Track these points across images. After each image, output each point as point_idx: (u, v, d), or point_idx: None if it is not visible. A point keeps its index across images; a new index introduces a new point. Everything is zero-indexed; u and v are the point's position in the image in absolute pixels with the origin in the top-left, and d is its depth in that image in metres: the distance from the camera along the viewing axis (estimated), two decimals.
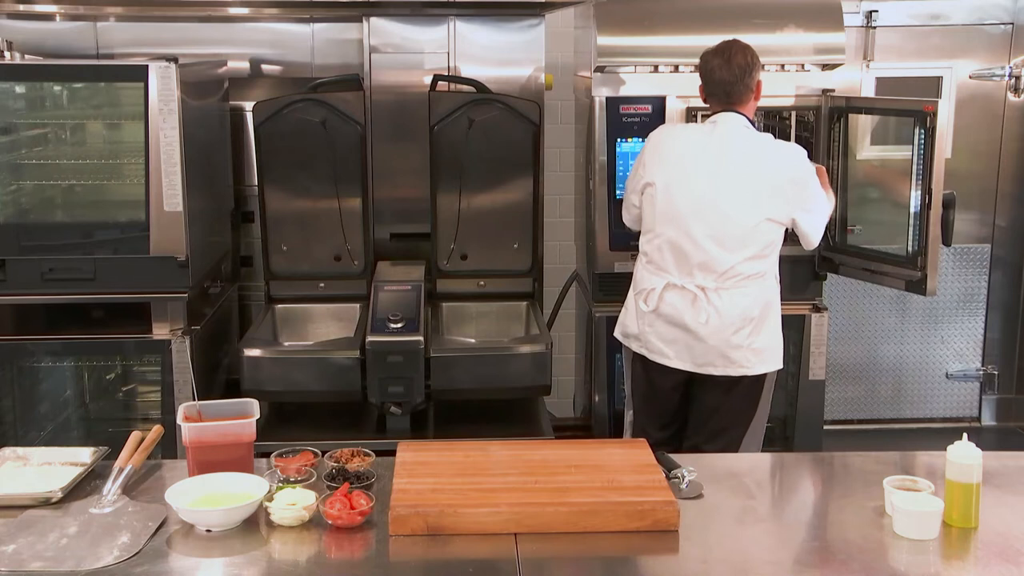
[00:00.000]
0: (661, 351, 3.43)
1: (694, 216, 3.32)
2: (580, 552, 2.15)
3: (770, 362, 3.42)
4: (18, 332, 3.90)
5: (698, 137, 3.45)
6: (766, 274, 3.38)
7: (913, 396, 5.03)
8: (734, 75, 3.35)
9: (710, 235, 3.30)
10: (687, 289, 3.35)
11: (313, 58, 4.87)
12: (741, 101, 3.40)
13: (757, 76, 3.42)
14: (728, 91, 3.38)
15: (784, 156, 3.39)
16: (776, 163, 3.36)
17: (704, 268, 3.33)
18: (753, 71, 3.39)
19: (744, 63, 3.36)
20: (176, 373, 3.85)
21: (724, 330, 3.33)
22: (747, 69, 3.36)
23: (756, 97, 3.44)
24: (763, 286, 3.37)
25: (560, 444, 2.90)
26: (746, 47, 3.40)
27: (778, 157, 3.38)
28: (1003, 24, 4.81)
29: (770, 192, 3.31)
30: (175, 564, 2.09)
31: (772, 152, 3.38)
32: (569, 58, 4.84)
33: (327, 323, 4.23)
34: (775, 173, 3.34)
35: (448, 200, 4.28)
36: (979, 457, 2.22)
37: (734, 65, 3.35)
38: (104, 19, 4.73)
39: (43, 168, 3.95)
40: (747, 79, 3.37)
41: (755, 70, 3.40)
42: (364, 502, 2.23)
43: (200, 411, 2.49)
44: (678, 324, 3.37)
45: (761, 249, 3.32)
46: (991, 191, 4.93)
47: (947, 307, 4.97)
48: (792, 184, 3.34)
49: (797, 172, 3.36)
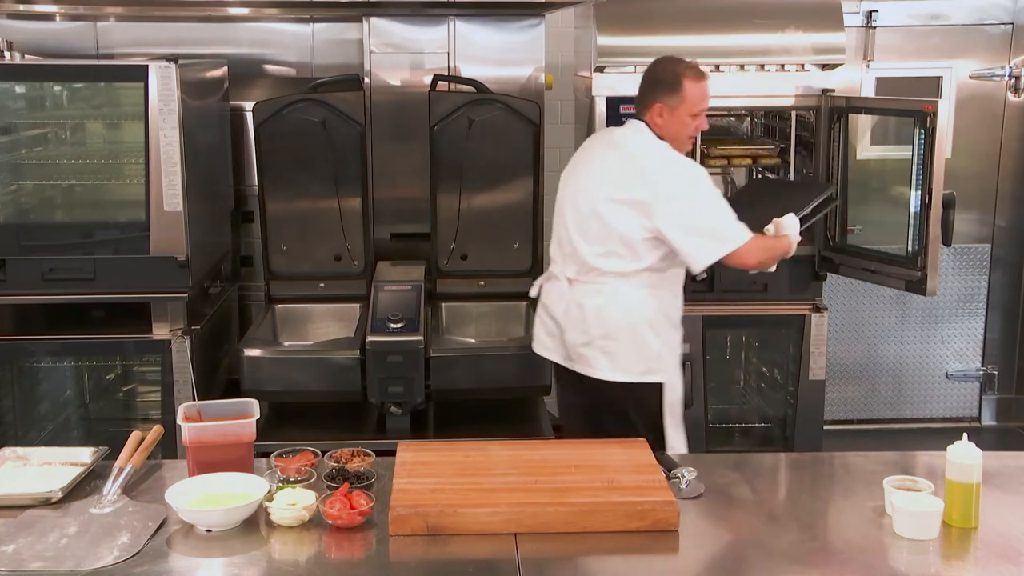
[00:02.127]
0: (541, 341, 3.43)
1: (569, 206, 3.32)
2: (580, 552, 2.15)
3: (628, 371, 3.23)
4: (18, 332, 3.90)
5: (599, 136, 3.49)
6: (633, 278, 3.21)
7: (913, 396, 5.03)
8: (640, 87, 3.27)
9: (576, 225, 3.27)
10: (558, 279, 3.34)
11: (313, 58, 4.87)
12: (640, 112, 3.26)
13: (660, 99, 3.19)
14: (637, 99, 3.30)
15: (660, 166, 3.17)
16: (650, 172, 3.16)
17: (571, 258, 3.29)
18: (650, 90, 3.22)
19: (648, 78, 3.25)
20: (176, 373, 3.85)
21: (579, 324, 3.26)
22: (646, 85, 3.25)
23: (658, 120, 3.21)
24: (628, 289, 3.21)
25: (560, 444, 2.90)
26: (660, 65, 3.25)
27: (654, 166, 3.18)
28: (1003, 24, 4.82)
29: (632, 196, 3.15)
30: (175, 564, 2.09)
31: (651, 160, 3.19)
32: (569, 58, 4.85)
33: (327, 323, 4.23)
34: (645, 180, 3.14)
35: (448, 200, 4.28)
36: (979, 457, 2.22)
37: (644, 77, 3.28)
38: (104, 19, 4.73)
39: (43, 168, 3.95)
40: (645, 96, 3.24)
41: (655, 90, 3.21)
42: (364, 502, 2.23)
43: (200, 411, 2.49)
44: (551, 315, 3.37)
45: (619, 247, 3.18)
46: (991, 191, 4.93)
47: (947, 307, 4.97)
48: (660, 197, 3.11)
49: (669, 186, 3.13)
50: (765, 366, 4.53)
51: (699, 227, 3.13)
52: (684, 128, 3.22)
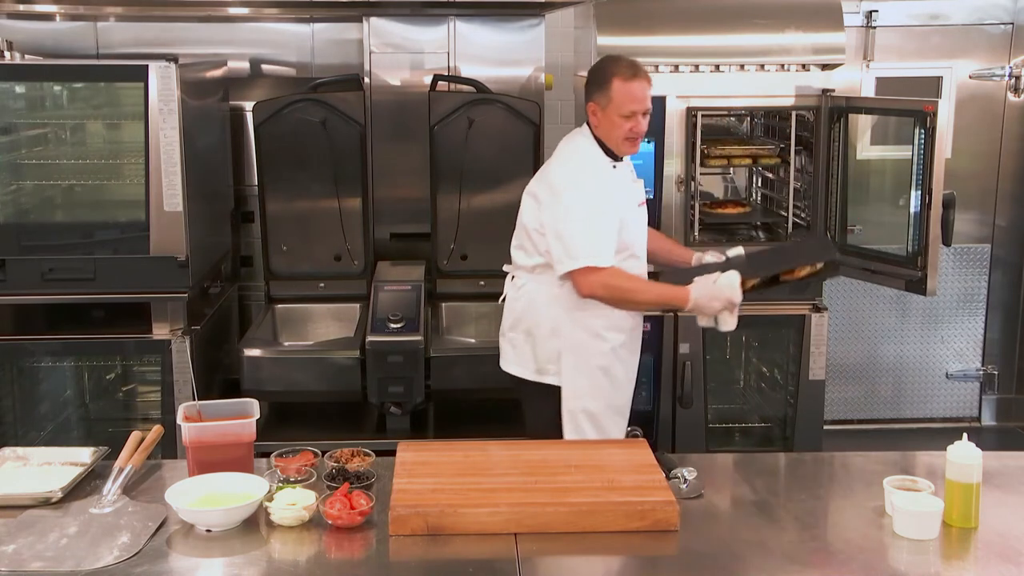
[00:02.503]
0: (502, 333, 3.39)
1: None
2: (580, 552, 2.15)
3: (522, 367, 3.22)
4: (18, 332, 3.90)
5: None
6: (541, 275, 3.17)
7: (913, 396, 5.03)
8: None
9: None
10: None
11: (313, 58, 4.87)
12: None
13: (592, 98, 3.10)
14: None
15: (561, 166, 3.15)
16: (552, 168, 3.17)
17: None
18: (586, 89, 3.12)
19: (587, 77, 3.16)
20: (176, 373, 3.85)
21: (502, 315, 3.31)
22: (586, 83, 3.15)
23: (592, 120, 3.13)
24: (535, 286, 3.17)
25: (560, 444, 2.90)
26: (597, 63, 3.16)
27: (557, 164, 3.17)
28: (1003, 24, 4.81)
29: (534, 188, 3.19)
30: (175, 564, 2.09)
31: (559, 157, 3.19)
32: (569, 58, 4.84)
33: (327, 323, 4.23)
34: (545, 175, 3.17)
35: (448, 200, 4.28)
36: (979, 457, 2.23)
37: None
38: (104, 19, 4.73)
39: (43, 168, 3.95)
40: (584, 94, 3.14)
41: (589, 89, 3.11)
42: (364, 502, 2.23)
43: (200, 411, 2.49)
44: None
45: (524, 239, 3.19)
46: (991, 191, 4.93)
47: (947, 307, 4.96)
48: (549, 194, 3.10)
49: (559, 186, 3.08)
50: (765, 366, 4.53)
51: (562, 235, 3.04)
52: (616, 129, 3.08)
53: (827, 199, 4.05)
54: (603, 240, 3.03)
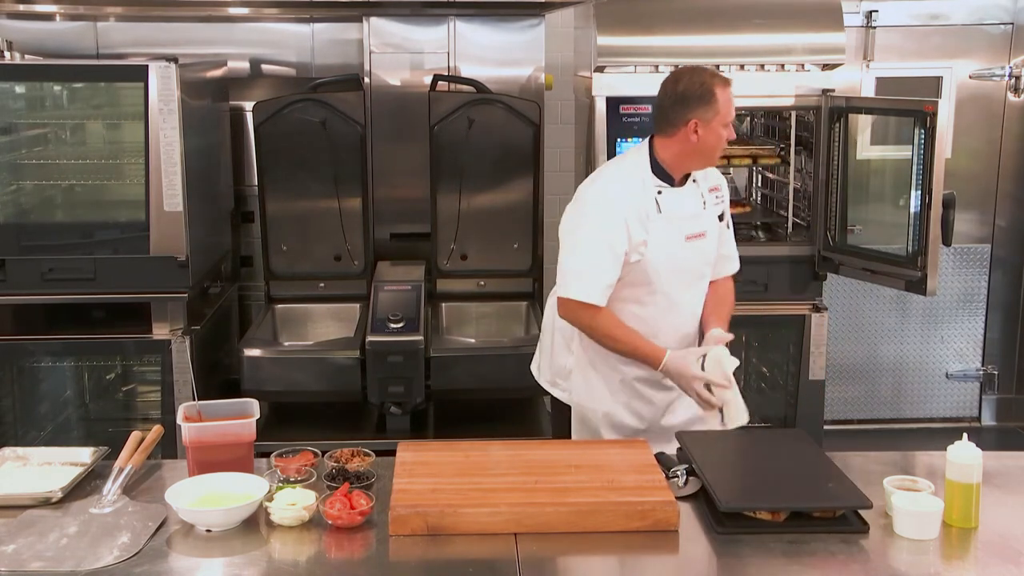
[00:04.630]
0: None
1: None
2: (580, 552, 2.15)
3: (541, 373, 3.16)
4: (18, 332, 3.90)
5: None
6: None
7: (913, 396, 5.03)
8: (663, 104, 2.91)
9: None
10: None
11: (313, 58, 4.87)
12: (666, 131, 2.88)
13: (694, 114, 2.81)
14: (659, 117, 2.94)
15: (589, 185, 2.96)
16: (582, 187, 2.98)
17: None
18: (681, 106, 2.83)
19: (673, 94, 2.86)
20: (176, 373, 3.85)
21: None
22: (672, 102, 2.86)
23: (693, 138, 2.83)
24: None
25: (560, 444, 2.90)
26: (685, 78, 2.86)
27: (587, 183, 2.99)
28: (1003, 24, 4.81)
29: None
30: (175, 564, 2.09)
31: (593, 176, 3.02)
32: (569, 58, 4.84)
33: (327, 323, 4.23)
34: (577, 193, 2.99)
35: (448, 200, 4.28)
36: (979, 457, 2.23)
37: (668, 93, 2.89)
38: (104, 19, 4.73)
39: (43, 168, 3.95)
40: (672, 113, 2.85)
41: (687, 106, 2.82)
42: (364, 502, 2.23)
43: (200, 411, 2.49)
44: None
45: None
46: (991, 191, 4.93)
47: (947, 307, 4.97)
48: (569, 209, 2.95)
49: (578, 205, 2.92)
50: (765, 366, 4.53)
51: (564, 256, 2.91)
52: (720, 141, 2.85)
53: (827, 199, 4.05)
54: (596, 275, 2.85)
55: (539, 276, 4.35)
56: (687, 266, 2.95)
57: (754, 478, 2.49)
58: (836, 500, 2.27)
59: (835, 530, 2.20)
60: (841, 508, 2.25)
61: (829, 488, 2.32)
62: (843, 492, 2.29)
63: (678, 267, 2.93)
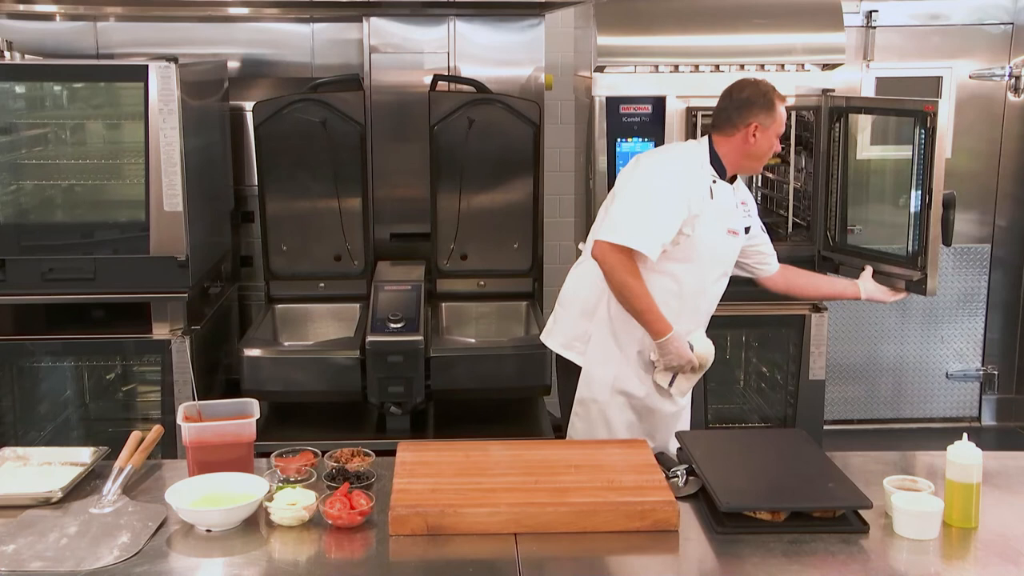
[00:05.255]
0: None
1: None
2: (580, 552, 2.15)
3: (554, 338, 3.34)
4: (18, 332, 3.90)
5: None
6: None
7: (913, 396, 5.03)
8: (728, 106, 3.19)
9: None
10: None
11: (313, 58, 4.87)
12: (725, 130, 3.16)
13: (756, 118, 3.12)
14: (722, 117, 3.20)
15: (652, 154, 3.29)
16: (642, 156, 3.27)
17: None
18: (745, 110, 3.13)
19: (740, 98, 3.15)
20: (176, 373, 3.85)
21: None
22: (738, 105, 3.14)
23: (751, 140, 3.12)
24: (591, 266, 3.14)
25: (560, 444, 2.90)
26: (751, 86, 3.15)
27: (648, 154, 3.30)
28: (1003, 24, 4.81)
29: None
30: (175, 564, 2.09)
31: (654, 150, 3.30)
32: (569, 58, 4.84)
33: (327, 323, 4.23)
34: (635, 161, 3.26)
35: (448, 200, 4.28)
36: (979, 457, 2.23)
37: (733, 96, 3.18)
38: (104, 19, 4.73)
39: (43, 168, 3.95)
40: (736, 115, 3.14)
41: (751, 110, 3.12)
42: (364, 502, 2.23)
43: (200, 411, 2.50)
44: None
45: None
46: (991, 191, 4.93)
47: (947, 307, 4.96)
48: (628, 175, 3.20)
49: (640, 168, 3.17)
50: (765, 366, 4.53)
51: (617, 206, 3.08)
52: (771, 147, 3.18)
53: (827, 199, 4.05)
54: (654, 228, 3.00)
55: (539, 276, 4.35)
56: (723, 257, 3.21)
57: (754, 478, 2.49)
58: (836, 500, 2.27)
59: (835, 530, 2.21)
60: (841, 508, 2.25)
61: (829, 488, 2.32)
62: (843, 492, 2.29)
63: (716, 255, 3.18)
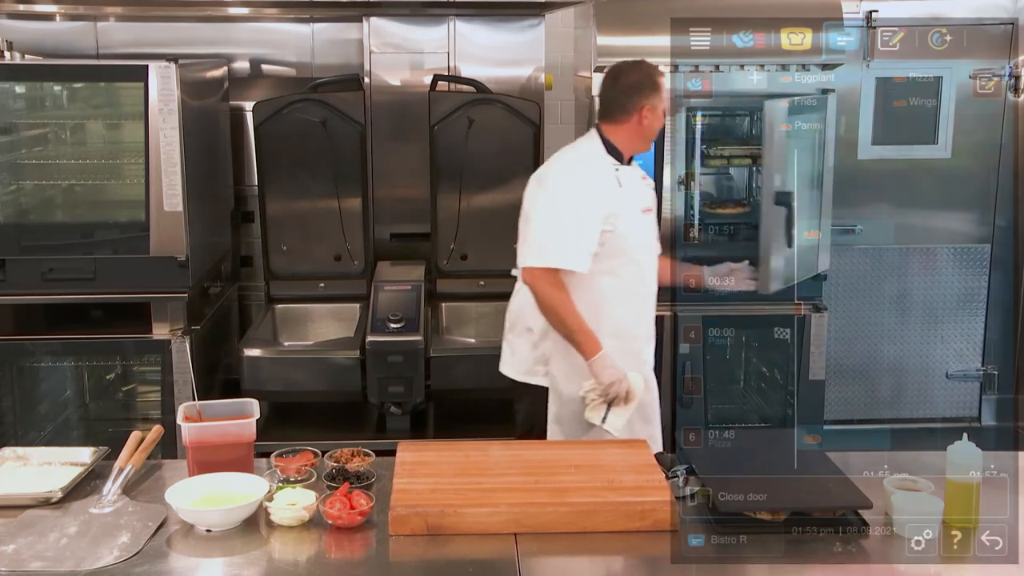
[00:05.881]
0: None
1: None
2: (580, 552, 2.15)
3: (514, 369, 3.28)
4: (18, 332, 3.90)
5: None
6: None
7: (913, 396, 5.03)
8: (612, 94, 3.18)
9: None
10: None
11: (313, 58, 4.87)
12: (617, 118, 3.16)
13: (646, 101, 3.12)
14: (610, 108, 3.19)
15: (556, 163, 3.20)
16: (547, 166, 3.24)
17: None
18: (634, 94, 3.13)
19: (625, 85, 3.14)
20: (176, 373, 3.85)
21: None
22: (626, 92, 3.14)
23: (644, 122, 3.14)
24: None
25: (560, 444, 2.90)
26: (633, 70, 3.16)
27: (554, 162, 3.22)
28: (1003, 24, 4.81)
29: (530, 187, 3.26)
30: (175, 564, 2.09)
31: (557, 158, 3.22)
32: (569, 58, 4.84)
33: (327, 323, 4.23)
34: (541, 174, 3.23)
35: (448, 200, 4.28)
36: (979, 457, 2.22)
37: (616, 85, 3.17)
38: (104, 19, 4.73)
39: (43, 168, 3.95)
40: (625, 102, 3.14)
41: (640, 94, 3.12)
42: (364, 502, 2.23)
43: (200, 411, 2.49)
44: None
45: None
46: (991, 191, 4.93)
47: (947, 307, 4.96)
48: (538, 189, 3.18)
49: (549, 183, 3.15)
50: (765, 366, 4.53)
51: (535, 227, 3.08)
52: (661, 124, 3.20)
53: None
54: (578, 242, 3.01)
55: None
56: (649, 238, 3.23)
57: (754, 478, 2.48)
58: (836, 500, 2.27)
59: (835, 530, 2.20)
60: (841, 508, 2.25)
61: (829, 488, 2.32)
62: (843, 492, 2.29)
63: (643, 239, 3.19)
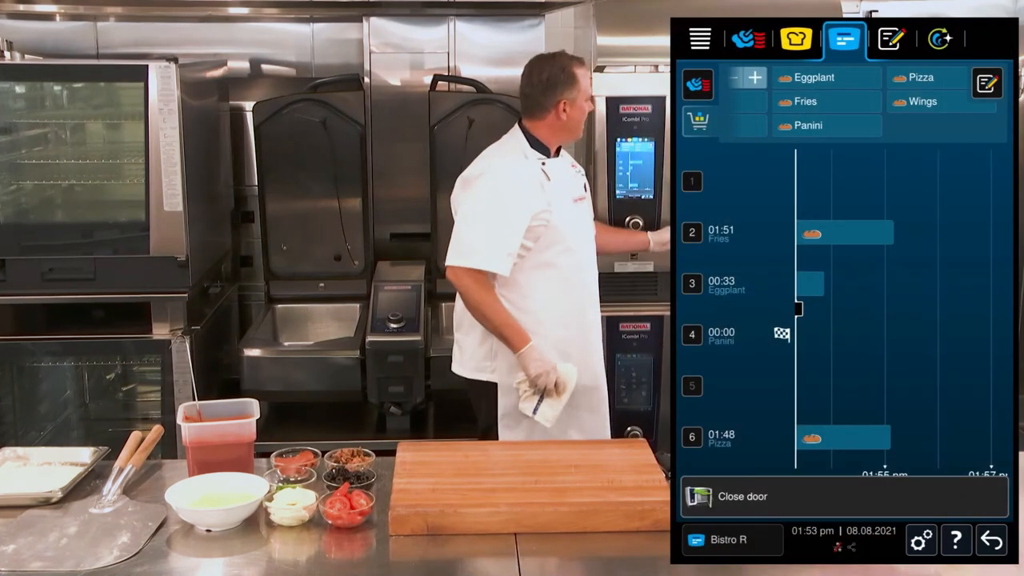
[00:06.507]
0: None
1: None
2: (580, 552, 2.15)
3: (464, 366, 3.27)
4: (18, 332, 3.90)
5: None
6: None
7: None
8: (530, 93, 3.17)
9: None
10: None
11: (313, 58, 4.87)
12: (537, 115, 3.17)
13: (562, 95, 3.12)
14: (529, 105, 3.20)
15: (483, 165, 3.18)
16: (475, 166, 3.22)
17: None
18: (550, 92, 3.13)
19: (539, 82, 3.14)
20: (176, 373, 3.85)
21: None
22: (541, 89, 3.13)
23: (563, 117, 3.14)
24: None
25: (560, 444, 2.90)
26: (544, 66, 3.14)
27: (481, 162, 3.21)
28: None
29: (458, 189, 3.27)
30: (175, 564, 2.09)
31: (483, 158, 3.22)
32: None
33: (327, 323, 4.23)
34: (467, 174, 3.23)
35: (448, 200, 4.27)
36: None
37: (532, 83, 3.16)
38: (104, 19, 4.73)
39: (43, 168, 3.95)
40: (543, 99, 3.15)
41: (555, 90, 3.12)
42: (364, 502, 2.23)
43: (200, 411, 2.49)
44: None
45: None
46: None
47: None
48: (467, 190, 3.18)
49: (477, 184, 3.14)
50: None
51: (460, 228, 3.09)
52: (584, 113, 3.19)
53: None
54: (500, 244, 3.01)
55: None
56: (583, 227, 3.23)
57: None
58: None
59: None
60: None
61: None
62: None
63: (577, 228, 3.19)
